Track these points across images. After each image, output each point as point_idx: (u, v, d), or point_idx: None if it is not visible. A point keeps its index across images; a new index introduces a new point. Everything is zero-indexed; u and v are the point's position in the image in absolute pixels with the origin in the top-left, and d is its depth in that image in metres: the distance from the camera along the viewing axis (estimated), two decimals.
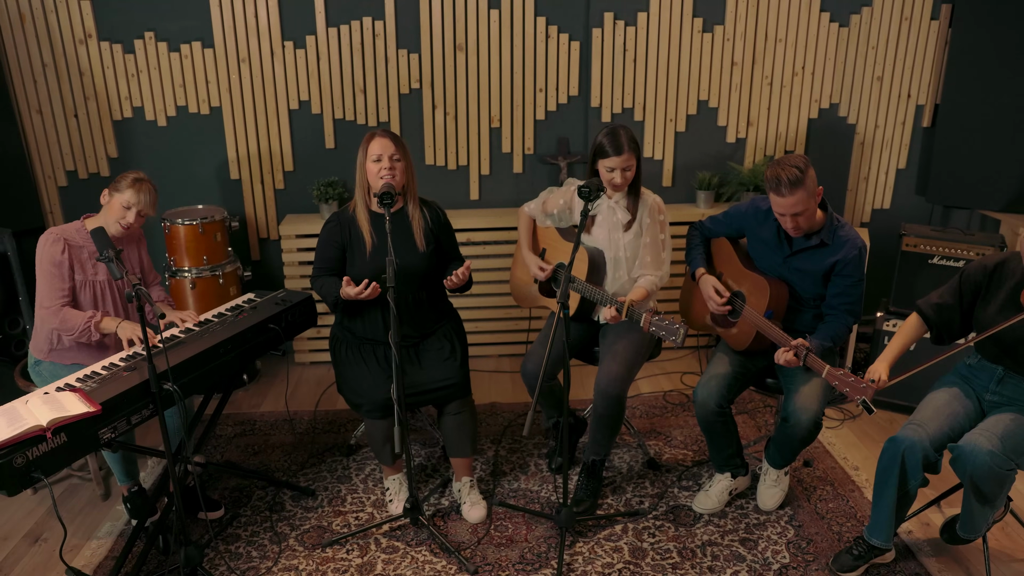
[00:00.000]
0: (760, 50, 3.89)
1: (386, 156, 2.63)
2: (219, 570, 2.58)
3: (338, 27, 3.73)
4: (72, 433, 2.09)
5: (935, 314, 2.40)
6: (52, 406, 2.12)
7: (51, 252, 2.51)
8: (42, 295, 2.56)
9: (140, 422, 2.31)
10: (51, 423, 2.04)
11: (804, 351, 2.38)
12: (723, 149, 4.06)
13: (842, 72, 3.97)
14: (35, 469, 2.02)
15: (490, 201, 4.07)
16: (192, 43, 3.70)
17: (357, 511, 2.88)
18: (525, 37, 3.80)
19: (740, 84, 3.94)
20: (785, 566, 2.55)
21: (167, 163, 3.88)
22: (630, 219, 2.79)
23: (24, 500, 2.97)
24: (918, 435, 2.31)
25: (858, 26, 3.89)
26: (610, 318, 2.54)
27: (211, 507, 2.87)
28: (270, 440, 3.38)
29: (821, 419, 2.54)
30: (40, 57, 3.65)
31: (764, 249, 2.69)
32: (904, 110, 4.04)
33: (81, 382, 2.31)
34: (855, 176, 4.15)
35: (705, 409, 2.65)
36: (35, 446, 2.01)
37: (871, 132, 4.07)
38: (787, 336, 2.46)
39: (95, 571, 2.59)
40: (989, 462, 2.13)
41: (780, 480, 2.82)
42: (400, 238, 2.74)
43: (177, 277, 3.60)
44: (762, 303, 2.60)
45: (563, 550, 2.59)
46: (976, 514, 2.30)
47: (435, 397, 2.77)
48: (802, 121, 4.03)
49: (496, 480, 3.06)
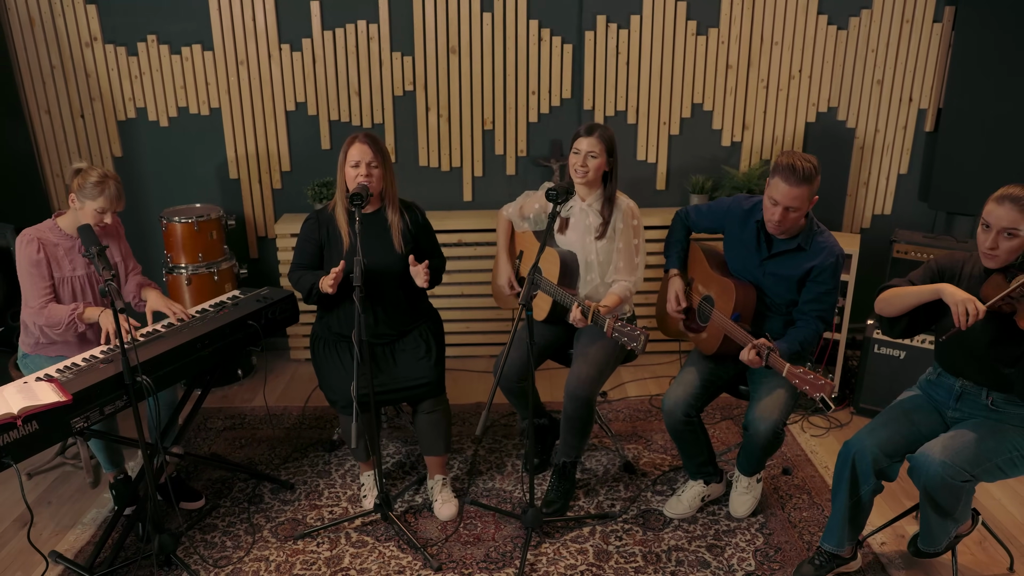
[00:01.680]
0: (756, 53, 3.86)
1: (363, 163, 2.67)
2: (192, 558, 2.65)
3: (333, 30, 3.79)
4: (44, 421, 2.18)
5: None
6: (25, 395, 2.21)
7: (27, 253, 2.60)
8: (27, 295, 2.65)
9: (114, 412, 2.39)
10: (21, 411, 2.12)
11: (766, 350, 2.37)
12: (718, 152, 4.04)
13: (840, 75, 3.92)
14: (5, 455, 2.10)
15: (483, 202, 4.10)
16: (192, 46, 3.80)
17: (332, 505, 2.94)
18: (518, 40, 3.83)
19: (735, 87, 3.91)
20: (749, 573, 2.54)
21: (169, 162, 3.99)
22: (602, 223, 2.80)
23: (17, 487, 3.08)
24: (869, 440, 2.29)
25: (857, 29, 3.83)
26: (574, 320, 2.56)
27: (192, 497, 2.95)
28: (257, 434, 3.46)
29: (781, 429, 2.52)
30: (48, 59, 3.79)
31: (741, 250, 2.68)
32: (906, 114, 3.98)
33: (60, 373, 2.40)
34: (855, 181, 4.09)
35: (672, 417, 2.65)
36: (6, 432, 2.09)
37: (871, 136, 4.01)
38: (751, 337, 2.45)
39: (76, 555, 2.68)
40: (942, 473, 2.10)
41: (752, 487, 2.80)
42: (378, 239, 2.79)
43: (174, 273, 3.70)
44: (729, 306, 2.60)
45: (527, 550, 2.61)
46: (935, 527, 2.26)
47: (409, 395, 2.81)
48: (799, 125, 3.99)
49: (472, 479, 3.09)
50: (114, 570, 2.55)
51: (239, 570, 2.59)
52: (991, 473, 2.19)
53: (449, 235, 3.90)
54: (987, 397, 2.26)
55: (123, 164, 3.98)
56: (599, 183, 2.82)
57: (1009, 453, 2.20)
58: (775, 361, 2.35)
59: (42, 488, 3.10)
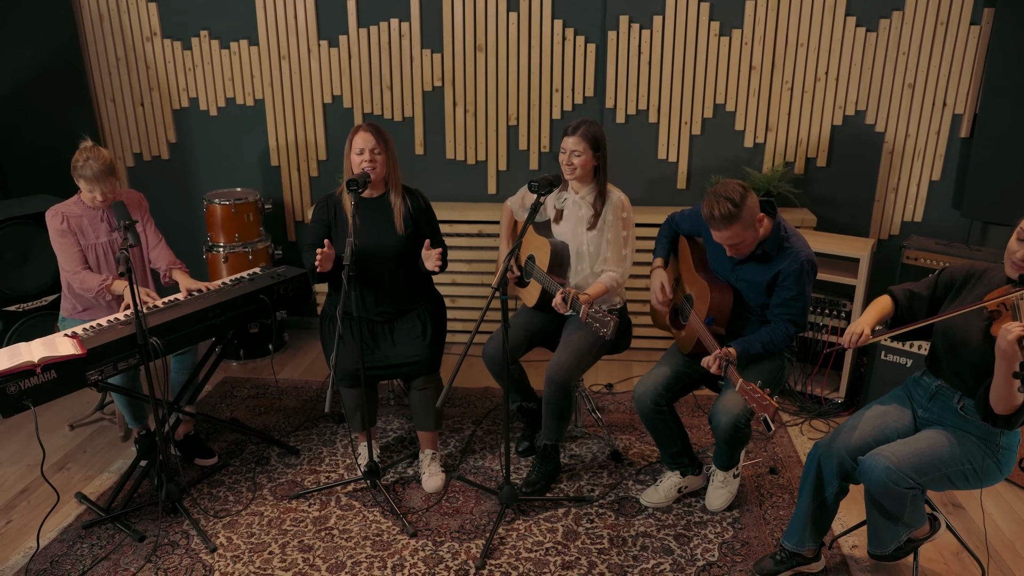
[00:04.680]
0: (780, 54, 3.84)
1: (367, 150, 2.86)
2: (197, 508, 2.90)
3: (368, 28, 4.01)
4: (61, 371, 2.45)
5: (905, 299, 2.32)
6: (47, 347, 2.49)
7: (54, 225, 2.91)
8: (62, 262, 2.96)
9: (127, 369, 2.65)
10: (41, 360, 2.40)
11: (725, 362, 2.42)
12: (740, 154, 4.03)
13: (869, 78, 3.85)
14: (26, 398, 2.39)
15: (507, 195, 4.15)
16: (240, 41, 4.09)
17: (331, 471, 3.14)
18: (543, 39, 3.95)
19: (759, 88, 3.90)
20: (710, 564, 2.58)
21: (217, 149, 4.30)
22: (593, 215, 2.89)
23: (60, 436, 3.43)
24: (836, 443, 2.30)
25: (887, 31, 3.76)
26: (556, 306, 2.66)
27: (207, 455, 3.21)
28: (276, 404, 3.71)
29: (744, 424, 2.54)
30: (114, 52, 4.16)
31: (717, 255, 2.72)
32: (939, 119, 3.87)
33: (84, 331, 2.68)
34: (883, 186, 4.01)
35: (641, 404, 2.72)
36: (26, 378, 2.38)
37: (901, 141, 3.92)
38: (717, 345, 2.50)
39: (98, 498, 2.97)
40: (884, 478, 2.10)
41: (728, 482, 2.83)
42: (381, 222, 2.96)
43: (213, 252, 4.00)
44: (704, 309, 2.64)
45: (499, 524, 2.73)
46: (880, 529, 2.24)
47: (402, 371, 2.98)
48: (825, 127, 3.94)
49: (464, 457, 3.24)
50: (127, 512, 2.83)
51: (235, 522, 2.82)
52: (939, 483, 2.16)
53: (471, 226, 4.06)
54: (958, 401, 2.24)
55: (177, 149, 4.32)
56: (590, 177, 2.91)
57: (962, 465, 2.16)
58: (732, 373, 2.41)
59: (81, 438, 3.43)
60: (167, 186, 4.36)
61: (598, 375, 3.97)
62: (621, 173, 4.06)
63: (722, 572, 2.54)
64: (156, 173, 4.36)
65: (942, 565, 2.58)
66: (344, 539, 2.72)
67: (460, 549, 2.66)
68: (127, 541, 2.71)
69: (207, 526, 2.79)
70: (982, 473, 2.17)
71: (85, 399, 3.66)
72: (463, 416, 3.58)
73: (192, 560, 2.62)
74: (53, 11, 3.98)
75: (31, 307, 3.56)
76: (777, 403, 2.27)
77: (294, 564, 2.60)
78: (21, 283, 3.51)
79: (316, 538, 2.72)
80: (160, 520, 2.79)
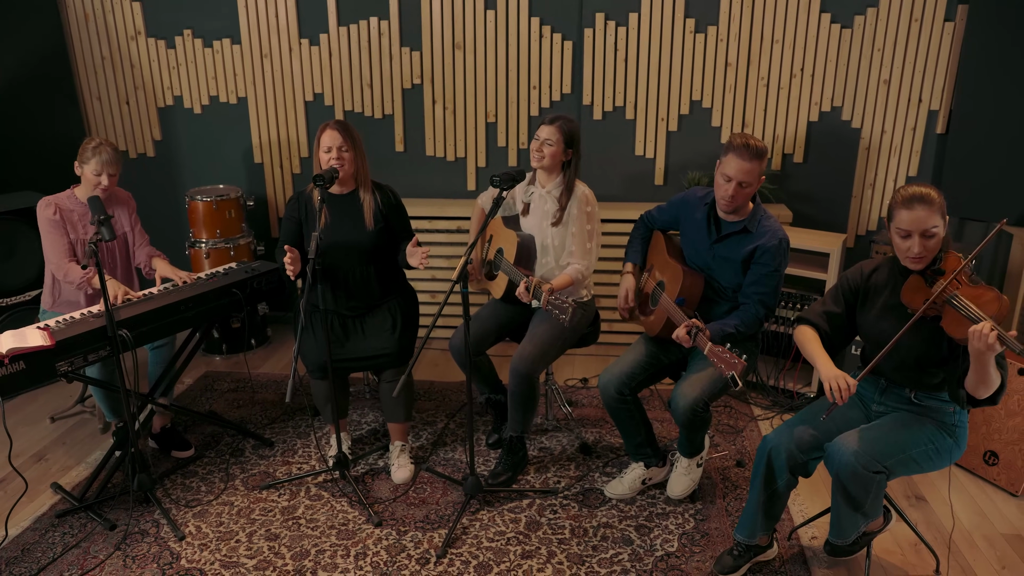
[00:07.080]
0: (756, 51, 3.86)
1: (335, 148, 2.90)
2: (169, 498, 2.95)
3: (348, 26, 4.06)
4: (30, 362, 2.50)
5: (826, 322, 2.37)
6: (17, 339, 2.54)
7: (45, 215, 2.96)
8: (48, 252, 3.02)
9: (97, 360, 2.71)
10: (9, 351, 2.45)
11: (695, 329, 2.44)
12: (717, 150, 4.02)
13: (844, 74, 3.86)
14: None
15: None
16: (223, 40, 4.15)
17: (303, 463, 3.19)
18: (520, 37, 3.98)
19: (734, 85, 3.93)
20: (669, 554, 2.61)
21: (202, 146, 4.36)
22: (558, 209, 2.92)
23: (41, 428, 3.49)
24: (786, 436, 2.33)
25: (862, 27, 3.78)
26: (519, 294, 2.69)
27: (183, 447, 3.26)
28: (255, 397, 3.76)
29: (701, 407, 2.57)
30: (100, 51, 4.23)
31: (694, 235, 2.76)
32: (915, 115, 3.88)
33: (56, 323, 2.74)
34: (860, 183, 4.02)
35: (606, 394, 2.75)
36: None
37: (877, 137, 3.93)
38: (686, 317, 2.53)
39: (74, 488, 3.03)
40: (853, 462, 2.12)
41: (691, 470, 2.86)
42: (351, 218, 3.01)
43: (195, 247, 4.05)
44: (675, 289, 2.68)
45: (462, 514, 2.77)
46: (843, 518, 2.27)
47: (372, 364, 3.03)
48: (801, 124, 3.96)
49: (435, 449, 3.28)
50: (100, 501, 2.89)
51: (205, 511, 2.87)
52: (905, 465, 2.19)
53: (450, 222, 4.10)
54: (910, 391, 2.27)
55: (162, 147, 4.39)
56: (558, 171, 2.94)
57: (924, 446, 2.21)
58: (701, 340, 2.43)
59: (61, 431, 3.49)
60: (154, 183, 4.42)
61: (575, 369, 4.00)
62: (598, 169, 4.10)
63: (679, 563, 2.56)
64: (143, 170, 4.43)
65: (899, 556, 2.60)
66: (310, 528, 2.76)
67: (423, 538, 2.70)
68: (98, 530, 2.76)
69: (177, 515, 2.85)
70: (943, 451, 2.23)
71: (67, 392, 3.73)
72: (437, 409, 3.62)
73: (160, 548, 2.67)
74: (38, 11, 4.05)
75: (14, 302, 3.63)
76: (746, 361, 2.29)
77: (259, 552, 2.64)
78: (5, 278, 3.58)
79: (283, 527, 2.77)
80: (131, 509, 2.84)
